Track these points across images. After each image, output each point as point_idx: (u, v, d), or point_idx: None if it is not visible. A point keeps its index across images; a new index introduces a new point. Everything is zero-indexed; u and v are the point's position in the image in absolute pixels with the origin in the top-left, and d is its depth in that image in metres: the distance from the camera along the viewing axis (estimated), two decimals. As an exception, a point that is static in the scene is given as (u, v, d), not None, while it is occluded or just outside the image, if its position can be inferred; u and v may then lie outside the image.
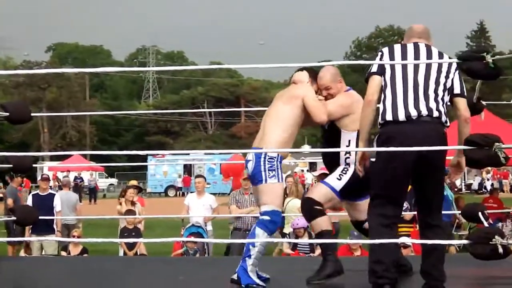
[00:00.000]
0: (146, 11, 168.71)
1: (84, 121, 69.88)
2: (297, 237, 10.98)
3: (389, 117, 4.97)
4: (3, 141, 61.50)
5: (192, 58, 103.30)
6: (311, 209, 5.83)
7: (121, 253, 12.26)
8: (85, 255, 11.79)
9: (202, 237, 11.59)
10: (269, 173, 5.69)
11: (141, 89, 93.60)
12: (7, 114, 7.51)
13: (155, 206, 14.05)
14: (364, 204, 5.72)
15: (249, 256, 5.57)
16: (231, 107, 58.08)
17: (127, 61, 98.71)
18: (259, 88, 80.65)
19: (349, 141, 5.87)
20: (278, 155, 5.72)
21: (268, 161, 5.70)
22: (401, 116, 4.93)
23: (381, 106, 5.07)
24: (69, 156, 46.12)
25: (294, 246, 11.16)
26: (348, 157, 5.87)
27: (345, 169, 5.89)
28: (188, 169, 50.00)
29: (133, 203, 12.75)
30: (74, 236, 12.09)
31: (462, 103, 5.14)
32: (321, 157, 6.20)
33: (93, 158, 49.88)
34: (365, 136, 5.17)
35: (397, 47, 5.19)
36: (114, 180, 57.94)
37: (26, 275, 4.91)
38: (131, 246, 12.00)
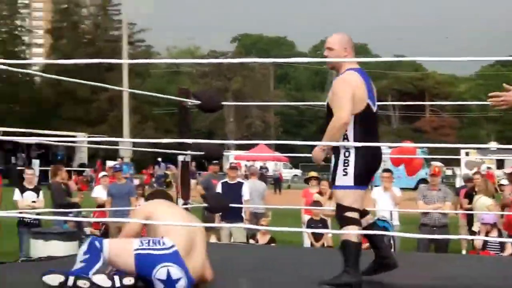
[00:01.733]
0: (330, 2, 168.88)
1: (268, 111, 70.98)
2: (486, 234, 10.64)
3: None
4: (191, 129, 63.37)
5: (376, 51, 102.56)
6: (341, 216, 5.52)
7: (306, 244, 12.34)
8: (273, 244, 11.94)
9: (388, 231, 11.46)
10: None
11: (324, 81, 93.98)
12: (199, 102, 7.75)
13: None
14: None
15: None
16: (415, 101, 57.12)
17: (311, 53, 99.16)
18: (444, 82, 78.89)
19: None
20: None
21: None
22: None
23: None
24: (255, 145, 47.09)
25: (484, 245, 10.79)
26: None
27: (346, 161, 5.55)
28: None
29: (320, 193, 12.85)
30: (262, 225, 12.27)
31: None
32: (510, 155, 5.93)
33: (278, 148, 50.58)
34: None
35: None
36: (298, 171, 58.42)
37: (215, 260, 5.02)
38: (318, 237, 12.06)
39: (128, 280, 4.94)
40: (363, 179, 5.59)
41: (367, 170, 5.60)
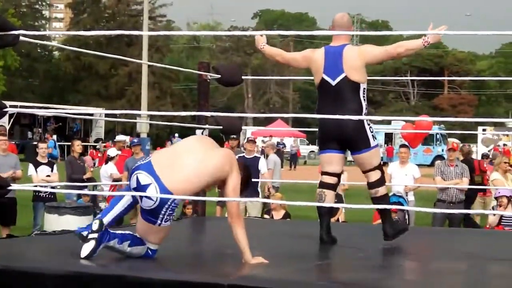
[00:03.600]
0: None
1: (287, 87, 70.83)
2: (499, 206, 10.64)
3: None
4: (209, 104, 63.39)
5: (397, 28, 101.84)
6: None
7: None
8: (288, 219, 11.97)
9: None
10: (166, 218, 5.02)
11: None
12: (219, 76, 7.75)
13: (355, 175, 13.98)
14: None
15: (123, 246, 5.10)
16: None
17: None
18: (464, 60, 78.33)
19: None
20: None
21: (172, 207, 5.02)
22: None
23: None
24: (272, 121, 47.00)
25: (499, 220, 10.78)
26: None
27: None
28: (390, 138, 49.21)
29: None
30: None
31: None
32: None
33: (295, 124, 50.50)
34: None
35: None
36: (315, 147, 58.31)
37: (229, 234, 5.06)
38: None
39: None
40: (319, 145, 6.43)
41: (320, 137, 6.36)
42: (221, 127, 7.69)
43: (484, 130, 39.43)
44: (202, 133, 7.70)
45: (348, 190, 14.04)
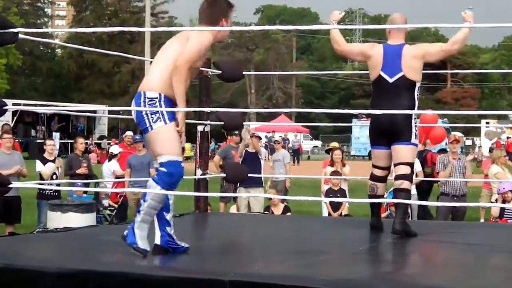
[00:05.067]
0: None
1: (290, 82, 70.79)
2: (504, 202, 10.62)
3: None
4: (212, 100, 63.27)
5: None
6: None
7: (325, 214, 12.36)
8: (288, 213, 11.94)
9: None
10: (152, 117, 4.99)
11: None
12: (220, 72, 7.75)
13: (359, 169, 14.04)
14: None
15: (139, 212, 4.98)
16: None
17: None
18: (467, 53, 78.18)
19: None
20: (160, 94, 5.03)
21: (149, 104, 5.02)
22: None
23: None
24: (275, 116, 46.96)
25: (501, 213, 10.78)
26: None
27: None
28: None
29: (344, 164, 12.83)
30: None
31: None
32: None
33: (299, 119, 50.46)
34: None
35: None
36: (318, 142, 58.32)
37: (231, 230, 5.06)
38: (336, 207, 12.07)
39: None
40: (371, 140, 6.67)
41: (372, 132, 6.61)
42: (222, 123, 7.69)
43: (487, 123, 39.42)
44: (203, 129, 7.72)
45: (351, 184, 14.01)
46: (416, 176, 11.89)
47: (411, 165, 6.43)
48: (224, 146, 16.30)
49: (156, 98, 5.00)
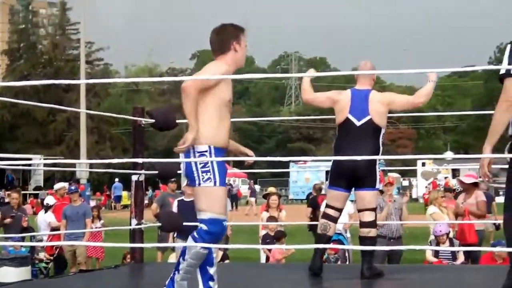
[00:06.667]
0: (288, 18, 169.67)
1: (228, 128, 70.84)
2: (438, 244, 10.73)
3: None
4: (149, 147, 63.10)
5: (335, 64, 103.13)
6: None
7: (262, 260, 12.31)
8: (226, 261, 11.85)
9: (343, 244, 11.47)
10: (202, 176, 5.01)
11: (284, 96, 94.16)
12: (153, 121, 7.71)
13: (297, 213, 14.10)
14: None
15: (178, 271, 5.03)
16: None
17: (270, 68, 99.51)
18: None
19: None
20: (209, 147, 5.08)
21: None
22: None
23: None
24: (213, 162, 46.83)
25: (436, 254, 10.87)
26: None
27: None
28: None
29: (280, 209, 12.81)
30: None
31: None
32: (465, 163, 6.18)
33: (236, 164, 50.44)
34: (494, 141, 4.82)
35: None
36: (256, 187, 58.36)
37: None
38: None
39: None
40: (330, 180, 6.75)
41: (333, 173, 6.71)
42: (156, 172, 7.65)
43: (423, 164, 39.98)
44: (138, 179, 7.68)
45: (287, 229, 14.03)
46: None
47: (375, 210, 6.63)
48: (160, 194, 16.16)
49: (206, 151, 5.06)
